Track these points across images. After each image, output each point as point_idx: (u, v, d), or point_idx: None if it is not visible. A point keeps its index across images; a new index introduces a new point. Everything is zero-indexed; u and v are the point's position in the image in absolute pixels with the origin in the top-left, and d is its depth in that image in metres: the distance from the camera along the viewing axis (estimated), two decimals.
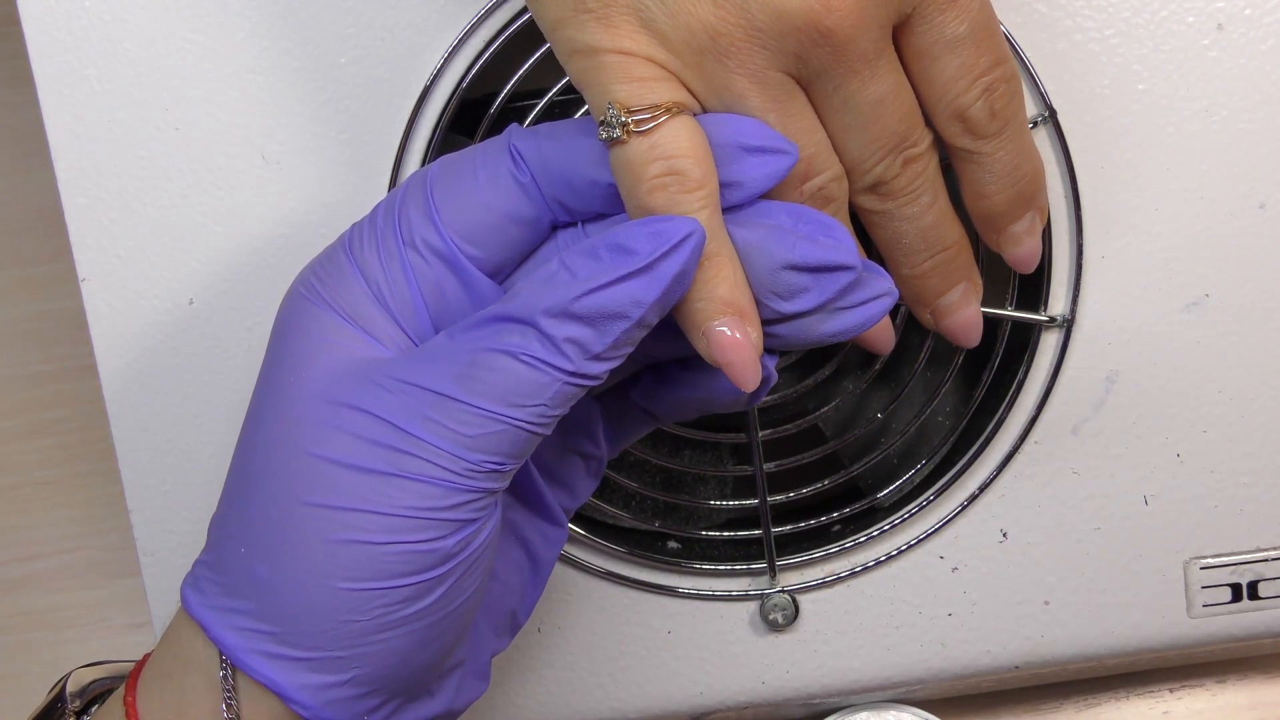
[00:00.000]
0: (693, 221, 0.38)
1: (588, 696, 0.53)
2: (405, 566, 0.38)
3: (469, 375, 0.38)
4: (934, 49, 0.41)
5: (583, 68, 0.40)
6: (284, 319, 0.41)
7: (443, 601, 0.39)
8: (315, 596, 0.38)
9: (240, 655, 0.39)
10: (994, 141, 0.43)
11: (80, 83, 0.48)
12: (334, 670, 0.39)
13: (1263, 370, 0.50)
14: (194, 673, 0.40)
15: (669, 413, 0.45)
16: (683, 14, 0.39)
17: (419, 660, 0.40)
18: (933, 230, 0.44)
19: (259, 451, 0.40)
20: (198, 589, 0.41)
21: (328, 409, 0.39)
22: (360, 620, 0.38)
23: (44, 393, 0.65)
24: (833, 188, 0.42)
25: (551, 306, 0.38)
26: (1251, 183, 0.49)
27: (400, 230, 0.41)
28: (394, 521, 0.38)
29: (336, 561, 0.38)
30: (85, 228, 0.49)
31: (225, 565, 0.40)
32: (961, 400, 0.53)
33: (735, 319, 0.39)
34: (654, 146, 0.39)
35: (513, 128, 0.42)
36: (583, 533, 0.52)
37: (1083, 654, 0.52)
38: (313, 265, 0.42)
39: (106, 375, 0.50)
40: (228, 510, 0.41)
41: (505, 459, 0.38)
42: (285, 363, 0.40)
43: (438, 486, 0.38)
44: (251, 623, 0.39)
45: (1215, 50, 0.48)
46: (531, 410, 0.38)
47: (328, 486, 0.38)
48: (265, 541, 0.39)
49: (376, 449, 0.38)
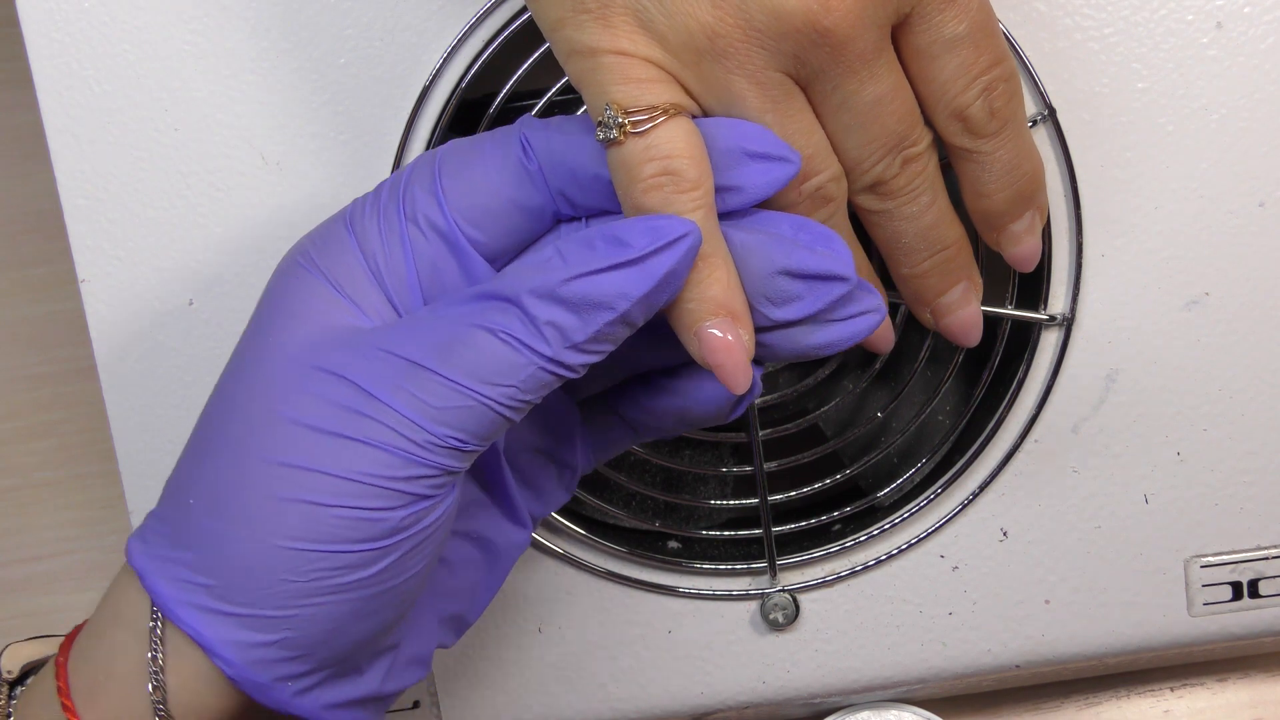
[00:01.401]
0: (690, 223, 0.38)
1: (588, 696, 0.53)
2: (350, 533, 0.38)
3: (446, 348, 0.38)
4: (933, 48, 0.41)
5: (581, 68, 0.40)
6: (274, 284, 0.41)
7: (384, 575, 0.39)
8: (256, 552, 0.38)
9: (172, 607, 0.39)
10: (993, 140, 0.43)
11: (79, 84, 0.48)
12: (264, 630, 0.39)
13: (1263, 368, 0.50)
14: (125, 627, 0.40)
15: (650, 422, 0.45)
16: (681, 15, 0.39)
17: (352, 632, 0.40)
18: (932, 229, 0.44)
19: (226, 407, 0.40)
20: (143, 539, 0.41)
21: (301, 370, 0.39)
22: (297, 581, 0.38)
23: (44, 394, 0.65)
24: (831, 187, 0.42)
25: (538, 287, 0.38)
26: (1251, 181, 0.49)
27: (404, 205, 0.41)
28: (345, 485, 0.38)
29: (281, 519, 0.38)
30: (85, 229, 0.49)
31: (174, 516, 0.40)
32: (961, 399, 0.53)
33: (727, 321, 0.39)
34: (650, 147, 0.39)
35: (525, 118, 0.42)
36: (583, 532, 0.52)
37: (1083, 653, 0.52)
38: (310, 235, 0.42)
39: (106, 377, 0.50)
40: (186, 463, 0.41)
41: (469, 437, 0.38)
42: (268, 325, 0.40)
43: (396, 456, 0.38)
44: (189, 574, 0.39)
45: (1215, 49, 0.48)
46: (502, 390, 0.38)
47: (286, 445, 0.38)
48: (216, 493, 0.39)
49: (341, 412, 0.38)
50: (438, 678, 0.52)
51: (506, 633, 0.52)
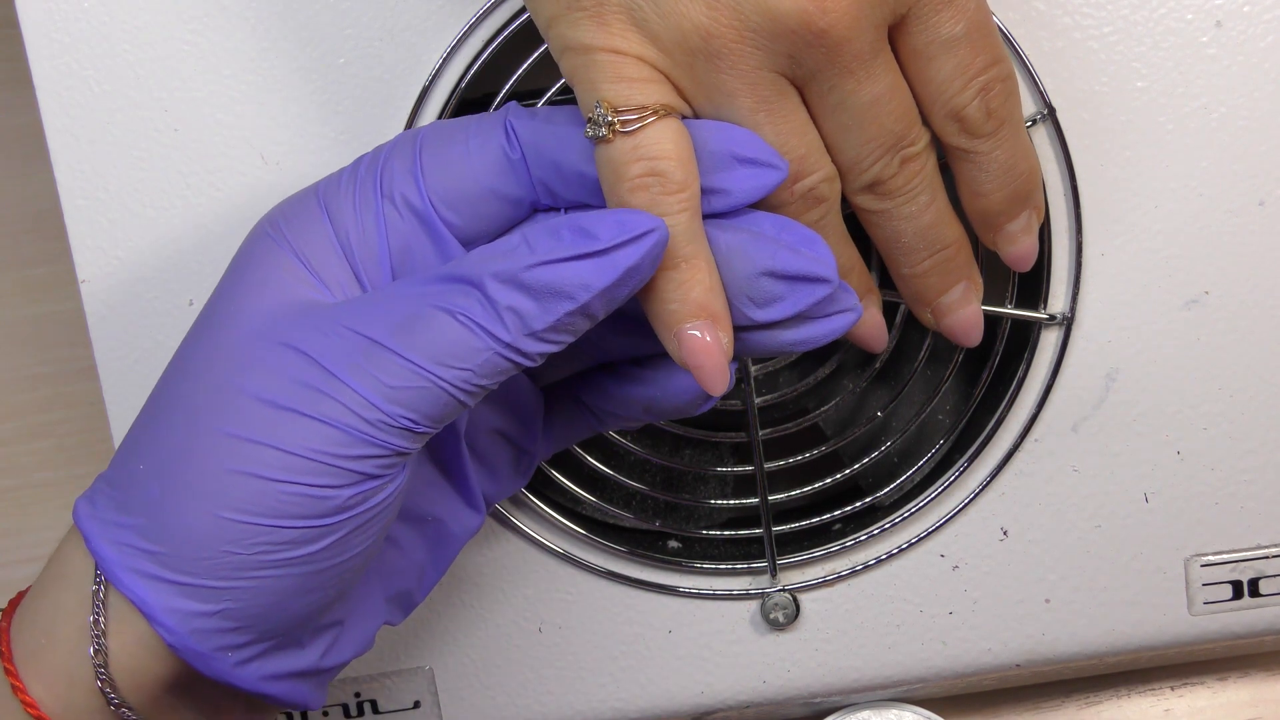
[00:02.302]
0: (658, 220, 0.38)
1: (588, 696, 0.53)
2: (296, 509, 0.38)
3: (405, 327, 0.38)
4: (930, 49, 0.41)
5: (574, 65, 0.40)
6: (241, 254, 0.41)
7: (327, 553, 0.39)
8: (201, 522, 0.38)
9: (115, 570, 0.39)
10: (990, 141, 0.43)
11: (79, 84, 0.48)
12: (206, 600, 0.39)
13: (1263, 367, 0.50)
14: (69, 590, 0.40)
15: (615, 410, 0.45)
16: (675, 15, 0.39)
17: (293, 607, 0.40)
18: (931, 229, 0.44)
19: (182, 376, 0.40)
20: (91, 502, 0.41)
21: (259, 343, 0.39)
22: (240, 554, 0.38)
23: (43, 395, 0.65)
24: (823, 188, 0.42)
25: (500, 272, 0.38)
26: (1251, 180, 0.49)
27: (381, 181, 0.41)
28: (294, 461, 0.38)
29: (229, 491, 0.38)
30: (84, 229, 0.49)
31: (122, 481, 0.40)
32: (961, 399, 0.53)
33: (708, 323, 0.40)
34: (638, 147, 0.39)
35: (511, 105, 0.42)
36: (583, 532, 0.52)
37: (1084, 652, 0.52)
38: (280, 206, 0.42)
39: (106, 377, 0.50)
40: (138, 430, 0.41)
41: (421, 419, 0.38)
42: (230, 296, 0.40)
43: (347, 434, 0.38)
44: (135, 539, 0.39)
45: (1214, 47, 0.48)
46: (458, 373, 0.38)
47: (240, 417, 0.38)
48: (165, 461, 0.39)
49: (296, 387, 0.38)
50: (438, 677, 0.53)
51: (506, 633, 0.52)
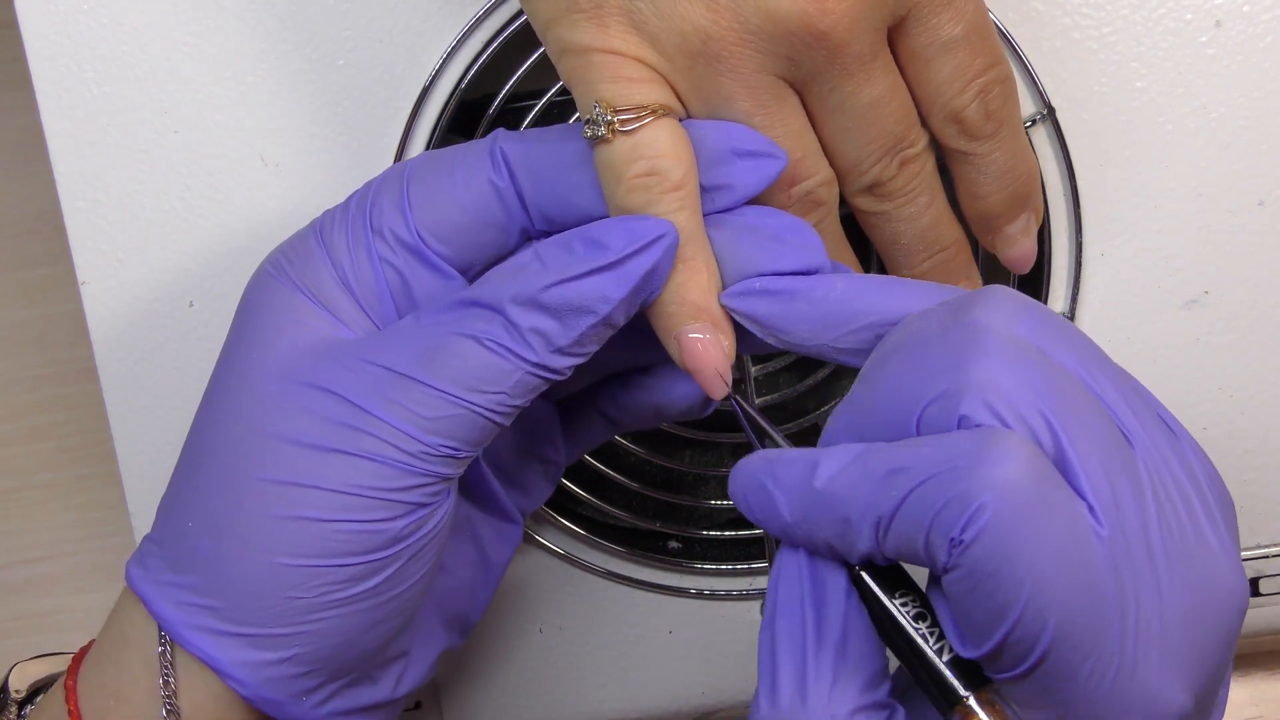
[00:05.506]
0: (667, 223, 0.38)
1: (589, 696, 0.53)
2: (352, 545, 0.38)
3: (432, 357, 0.38)
4: (929, 51, 0.41)
5: (572, 66, 0.40)
6: (250, 297, 0.41)
7: (388, 584, 0.39)
8: (259, 571, 0.38)
9: (179, 630, 0.39)
10: (989, 143, 0.43)
11: (79, 86, 0.48)
12: (274, 648, 0.39)
13: (1262, 367, 0.50)
14: (133, 651, 0.40)
15: (629, 418, 0.45)
16: (675, 17, 0.39)
17: (361, 643, 0.40)
18: (931, 230, 0.44)
19: (214, 427, 0.40)
20: (143, 565, 0.40)
21: (287, 386, 0.39)
22: (303, 598, 0.38)
23: (44, 396, 0.65)
24: (821, 192, 0.42)
25: (519, 294, 0.38)
26: (1250, 180, 0.49)
27: (371, 218, 0.41)
28: (344, 499, 0.38)
29: (283, 537, 0.38)
30: (85, 231, 0.49)
31: (171, 540, 0.40)
32: None
33: (708, 325, 0.40)
34: (636, 146, 0.39)
35: (499, 131, 0.42)
36: (583, 533, 0.52)
37: None
38: (282, 246, 0.42)
39: (106, 378, 0.50)
40: (179, 487, 0.41)
41: (461, 445, 0.38)
42: (248, 340, 0.40)
43: (391, 467, 0.38)
44: (193, 597, 0.39)
45: (1213, 47, 0.48)
46: (492, 397, 0.38)
47: (280, 462, 0.38)
48: (213, 516, 0.39)
49: (333, 426, 0.38)
50: (439, 677, 0.53)
51: (506, 633, 0.52)
